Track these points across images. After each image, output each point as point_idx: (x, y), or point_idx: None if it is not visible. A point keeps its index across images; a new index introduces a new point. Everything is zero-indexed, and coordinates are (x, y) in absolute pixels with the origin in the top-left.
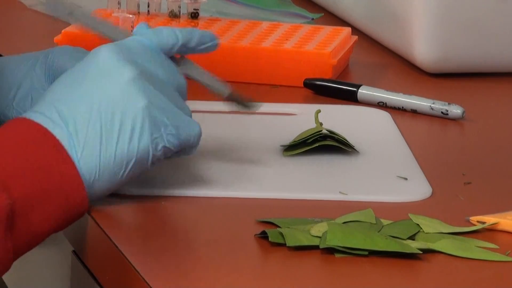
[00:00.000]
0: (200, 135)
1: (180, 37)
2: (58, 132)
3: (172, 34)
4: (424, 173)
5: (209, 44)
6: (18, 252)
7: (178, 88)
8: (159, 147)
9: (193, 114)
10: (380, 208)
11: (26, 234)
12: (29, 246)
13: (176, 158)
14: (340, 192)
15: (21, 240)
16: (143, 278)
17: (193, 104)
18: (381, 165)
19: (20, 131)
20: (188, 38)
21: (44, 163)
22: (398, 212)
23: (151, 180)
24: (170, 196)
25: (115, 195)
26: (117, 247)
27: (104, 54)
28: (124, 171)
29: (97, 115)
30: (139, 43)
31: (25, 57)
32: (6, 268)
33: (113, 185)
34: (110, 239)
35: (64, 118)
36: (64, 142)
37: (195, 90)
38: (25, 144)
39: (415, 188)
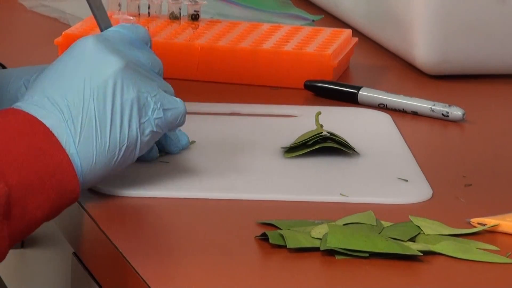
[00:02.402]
0: (185, 113)
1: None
2: (52, 121)
3: (144, 29)
4: (424, 175)
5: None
6: (14, 240)
7: (159, 71)
8: (147, 131)
9: (194, 116)
10: (381, 210)
11: (22, 221)
12: (24, 234)
13: (178, 160)
14: (340, 194)
15: (17, 227)
16: (143, 280)
17: (194, 106)
18: (381, 167)
19: (11, 122)
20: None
21: (36, 152)
22: (399, 214)
23: (152, 182)
24: (170, 198)
25: (116, 197)
26: (117, 248)
27: (91, 45)
28: (117, 158)
29: (91, 103)
30: (118, 33)
31: (22, 71)
32: (3, 256)
33: (105, 173)
34: (111, 241)
35: (57, 105)
36: (58, 130)
37: (197, 91)
38: (17, 134)
39: (416, 190)
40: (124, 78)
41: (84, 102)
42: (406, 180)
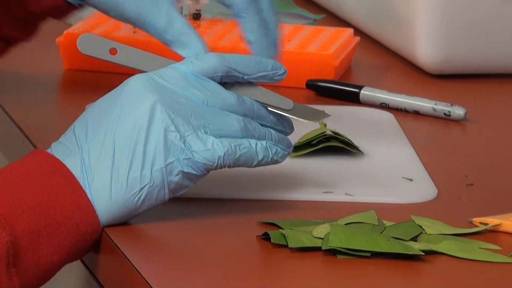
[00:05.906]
0: (221, 157)
1: (228, 64)
2: (71, 161)
3: (217, 60)
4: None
5: (273, 74)
6: (28, 286)
7: (224, 107)
8: (175, 171)
9: None
10: (384, 209)
11: (34, 267)
12: (40, 279)
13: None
14: (346, 193)
15: (29, 274)
16: (144, 279)
17: None
18: (386, 166)
19: (33, 165)
20: (243, 65)
21: (54, 195)
22: (401, 213)
23: None
24: (171, 198)
25: None
26: (119, 249)
27: (131, 85)
28: (139, 198)
29: (110, 141)
30: (174, 69)
31: None
32: None
33: (128, 212)
34: (112, 240)
35: (80, 145)
36: (76, 170)
37: None
38: (36, 178)
39: (421, 189)
40: (152, 118)
41: (105, 140)
42: (411, 180)
